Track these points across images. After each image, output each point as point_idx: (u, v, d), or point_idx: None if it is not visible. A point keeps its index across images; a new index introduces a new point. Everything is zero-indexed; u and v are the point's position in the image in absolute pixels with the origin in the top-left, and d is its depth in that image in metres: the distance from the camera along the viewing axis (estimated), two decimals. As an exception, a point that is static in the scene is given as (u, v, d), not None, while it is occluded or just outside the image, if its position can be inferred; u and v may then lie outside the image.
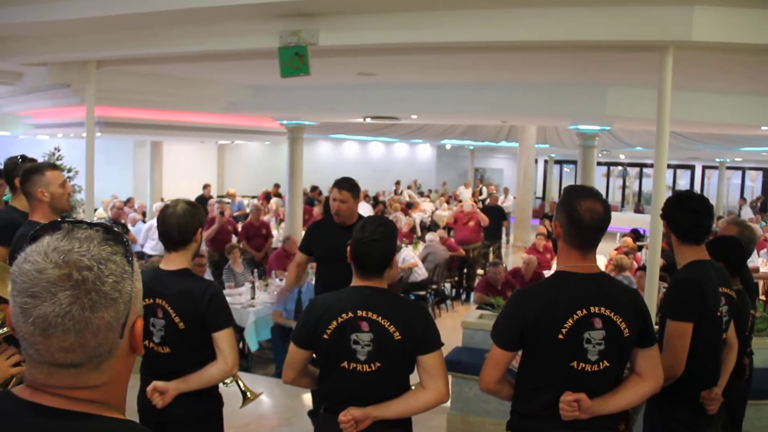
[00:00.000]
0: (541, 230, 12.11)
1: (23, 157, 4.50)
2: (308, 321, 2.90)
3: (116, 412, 1.10)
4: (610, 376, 2.64)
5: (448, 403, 5.73)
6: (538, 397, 2.66)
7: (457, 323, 7.21)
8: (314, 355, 2.99)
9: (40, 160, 10.93)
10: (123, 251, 1.09)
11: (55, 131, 15.73)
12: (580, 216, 2.61)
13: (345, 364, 2.82)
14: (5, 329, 2.33)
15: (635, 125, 13.31)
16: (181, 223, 3.07)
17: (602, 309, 2.58)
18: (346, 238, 4.63)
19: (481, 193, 22.28)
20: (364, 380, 2.81)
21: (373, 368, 2.80)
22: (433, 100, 10.04)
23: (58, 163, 10.18)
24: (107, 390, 1.10)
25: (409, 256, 10.51)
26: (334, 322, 2.82)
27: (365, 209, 16.66)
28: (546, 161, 29.70)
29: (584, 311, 2.58)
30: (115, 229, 1.12)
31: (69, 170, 10.74)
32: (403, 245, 11.06)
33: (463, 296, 12.25)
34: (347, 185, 4.87)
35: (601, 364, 2.60)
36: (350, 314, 2.81)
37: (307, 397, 6.36)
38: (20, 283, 1.03)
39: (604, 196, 2.74)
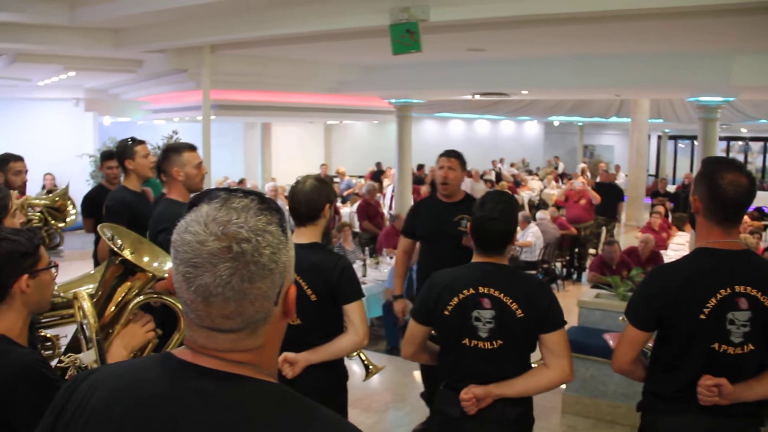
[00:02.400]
0: (659, 209, 11.62)
1: (133, 139, 4.67)
2: (428, 297, 2.89)
3: (269, 377, 1.14)
4: (754, 360, 2.48)
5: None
6: (673, 378, 2.54)
7: (569, 303, 7.03)
8: (433, 332, 2.97)
9: (160, 143, 11.44)
10: (278, 220, 1.11)
11: (172, 115, 16.37)
12: (723, 190, 2.45)
13: (466, 341, 2.79)
14: (141, 297, 2.42)
15: (763, 95, 12.54)
16: (308, 198, 3.13)
17: (748, 288, 2.42)
18: (453, 215, 4.57)
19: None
20: (485, 357, 2.78)
21: (495, 345, 2.76)
22: (544, 75, 9.79)
23: (177, 145, 10.57)
24: (261, 353, 1.14)
25: (531, 234, 10.31)
26: (456, 299, 2.80)
27: (467, 186, 16.51)
28: (659, 137, 28.49)
29: (728, 290, 2.43)
30: (269, 198, 1.13)
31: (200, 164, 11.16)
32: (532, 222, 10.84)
33: (574, 276, 11.96)
34: (455, 153, 4.74)
35: (745, 347, 2.44)
36: (471, 291, 2.78)
37: (420, 375, 6.38)
38: (182, 252, 1.07)
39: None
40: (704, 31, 6.99)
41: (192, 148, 3.96)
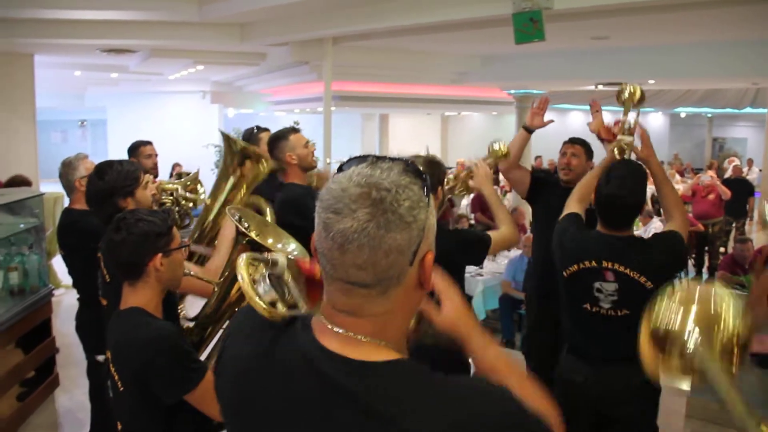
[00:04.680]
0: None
1: (258, 127, 4.79)
2: (553, 249, 2.94)
3: (397, 352, 1.13)
4: None
5: (689, 386, 5.37)
6: None
7: (698, 302, 6.71)
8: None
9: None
10: (421, 184, 1.11)
11: (292, 107, 16.80)
12: None
13: (587, 306, 2.78)
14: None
15: None
16: None
17: None
18: None
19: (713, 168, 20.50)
20: (609, 322, 2.75)
21: (620, 314, 2.73)
22: (673, 63, 9.36)
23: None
24: (388, 320, 1.13)
25: (654, 230, 9.89)
26: (575, 266, 2.79)
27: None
28: (799, 129, 26.68)
29: None
30: (416, 166, 1.13)
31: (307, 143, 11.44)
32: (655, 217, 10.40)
33: (705, 275, 11.38)
34: (579, 141, 4.45)
35: None
36: (594, 263, 2.76)
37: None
38: (326, 200, 1.09)
39: None
40: None
41: (295, 130, 3.99)
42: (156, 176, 4.85)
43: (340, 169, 1.14)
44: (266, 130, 4.76)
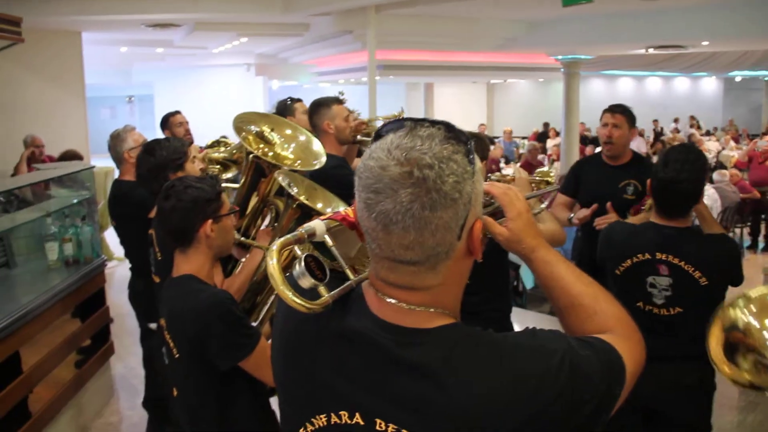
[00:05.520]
0: None
1: (291, 98, 4.78)
2: (602, 248, 2.83)
3: (450, 317, 1.11)
4: None
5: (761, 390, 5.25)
6: None
7: (752, 273, 6.54)
8: None
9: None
10: (464, 150, 1.04)
11: (336, 77, 16.78)
12: None
13: (640, 304, 2.68)
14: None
15: None
16: None
17: None
18: (617, 180, 4.06)
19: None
20: (661, 322, 2.66)
21: (672, 312, 2.64)
22: (727, 24, 9.01)
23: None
24: (441, 291, 1.09)
25: (707, 197, 9.63)
26: (628, 261, 2.69)
27: (637, 144, 15.70)
28: None
29: None
30: (457, 128, 1.07)
31: (351, 112, 11.44)
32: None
33: (762, 245, 11.06)
34: (620, 109, 4.08)
35: None
36: (647, 256, 2.66)
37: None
38: (365, 179, 1.04)
39: None
40: None
41: (339, 101, 3.91)
42: (191, 143, 4.89)
43: (378, 135, 1.07)
44: (299, 100, 4.74)
